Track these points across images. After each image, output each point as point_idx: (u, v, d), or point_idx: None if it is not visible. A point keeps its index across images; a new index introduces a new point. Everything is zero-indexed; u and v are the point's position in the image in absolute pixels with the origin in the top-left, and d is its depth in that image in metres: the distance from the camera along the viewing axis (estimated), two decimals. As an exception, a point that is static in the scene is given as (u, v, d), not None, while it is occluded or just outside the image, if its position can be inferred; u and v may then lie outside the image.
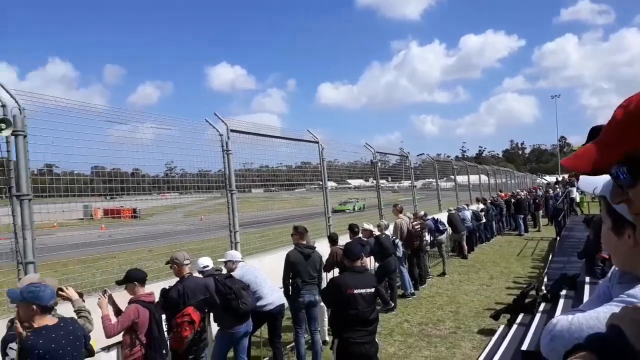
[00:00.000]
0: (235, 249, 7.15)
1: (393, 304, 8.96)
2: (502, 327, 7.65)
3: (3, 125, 4.91)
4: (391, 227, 10.39)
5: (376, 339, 4.97)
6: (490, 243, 18.27)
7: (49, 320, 3.36)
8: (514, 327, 7.28)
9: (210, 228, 9.58)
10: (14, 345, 3.37)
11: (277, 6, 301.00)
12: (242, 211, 8.41)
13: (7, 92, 5.22)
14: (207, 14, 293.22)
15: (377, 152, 13.21)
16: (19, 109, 5.17)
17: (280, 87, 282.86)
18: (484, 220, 17.58)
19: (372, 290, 4.85)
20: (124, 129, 7.27)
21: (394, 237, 9.91)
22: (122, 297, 4.79)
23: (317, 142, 10.33)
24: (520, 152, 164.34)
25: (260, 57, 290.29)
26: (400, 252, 9.72)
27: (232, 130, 7.89)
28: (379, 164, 13.48)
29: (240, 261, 6.06)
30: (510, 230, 21.50)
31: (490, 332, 7.68)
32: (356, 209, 20.72)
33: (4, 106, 5.10)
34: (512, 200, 21.58)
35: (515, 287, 10.58)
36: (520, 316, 7.67)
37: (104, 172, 8.11)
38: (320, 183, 10.68)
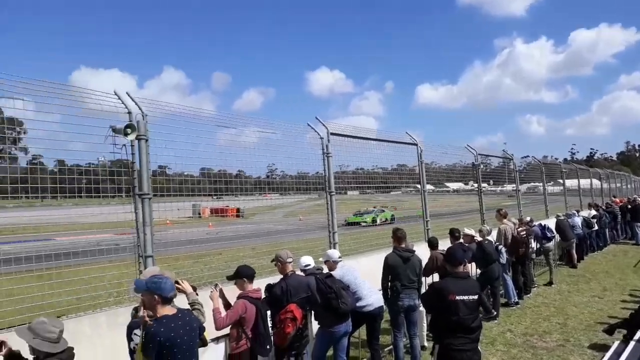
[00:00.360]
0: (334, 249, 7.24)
1: (495, 313, 8.57)
2: (617, 343, 7.04)
3: (129, 130, 5.40)
4: (494, 233, 9.95)
5: (478, 347, 4.80)
6: (603, 252, 16.84)
7: (169, 310, 3.58)
8: (632, 344, 6.70)
9: (309, 228, 9.81)
10: (138, 331, 3.67)
11: (376, 9, 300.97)
12: (339, 212, 8.51)
13: (132, 99, 5.74)
14: (307, 19, 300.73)
15: (479, 154, 12.72)
16: (142, 115, 5.66)
17: (378, 90, 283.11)
18: (595, 227, 16.25)
19: (476, 297, 4.67)
20: (229, 133, 7.63)
21: (497, 243, 9.48)
22: (230, 292, 5.05)
23: (416, 144, 10.18)
24: (637, 154, 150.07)
25: (358, 60, 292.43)
26: (503, 258, 9.28)
27: (332, 134, 8.04)
28: (481, 166, 12.96)
29: (339, 261, 6.14)
30: (625, 239, 19.66)
31: (603, 348, 7.09)
32: (378, 220, 16.78)
33: (129, 113, 5.62)
34: (628, 206, 19.70)
35: (632, 301, 9.72)
36: (639, 333, 7.02)
37: (211, 174, 8.55)
38: (417, 186, 10.50)
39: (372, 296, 6.03)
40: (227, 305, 4.91)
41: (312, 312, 5.67)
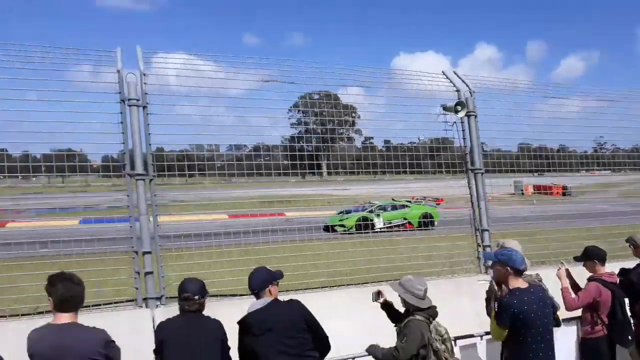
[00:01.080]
0: None
1: None
2: None
3: (459, 108, 5.61)
4: None
5: None
6: None
7: (521, 283, 3.55)
8: None
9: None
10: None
11: None
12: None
13: (460, 77, 5.93)
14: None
15: None
16: (470, 92, 5.80)
17: None
18: None
19: None
20: (549, 104, 7.28)
21: None
22: (575, 273, 4.68)
23: None
24: None
25: None
26: None
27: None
28: None
29: None
30: None
31: None
32: (380, 223, 9.93)
33: (458, 91, 5.83)
34: None
35: None
36: None
37: (530, 149, 8.16)
38: None
39: None
40: (573, 286, 4.58)
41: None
